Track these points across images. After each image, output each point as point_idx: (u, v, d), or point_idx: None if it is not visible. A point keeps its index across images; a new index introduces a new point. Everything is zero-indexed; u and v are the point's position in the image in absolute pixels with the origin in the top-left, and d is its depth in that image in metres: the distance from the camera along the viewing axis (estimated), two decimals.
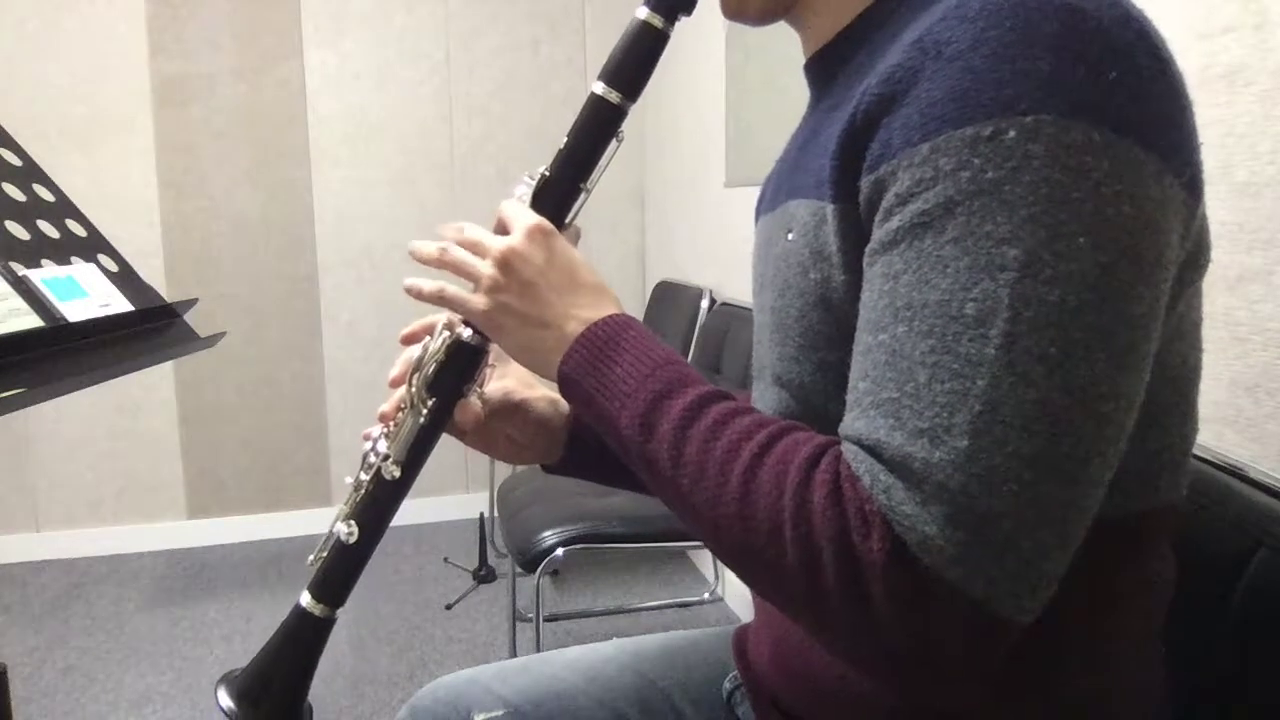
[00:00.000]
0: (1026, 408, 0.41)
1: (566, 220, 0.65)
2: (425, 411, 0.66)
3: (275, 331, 2.85)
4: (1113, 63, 0.43)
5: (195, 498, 2.85)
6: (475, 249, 0.61)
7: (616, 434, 0.55)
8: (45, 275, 0.87)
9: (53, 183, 1.00)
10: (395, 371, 0.69)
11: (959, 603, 0.41)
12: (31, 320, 0.82)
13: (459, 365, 0.66)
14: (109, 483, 2.77)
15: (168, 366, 2.75)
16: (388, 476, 0.66)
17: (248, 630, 2.28)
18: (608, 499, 1.84)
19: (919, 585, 0.41)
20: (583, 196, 0.65)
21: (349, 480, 0.68)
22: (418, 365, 0.66)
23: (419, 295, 0.64)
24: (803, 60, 0.66)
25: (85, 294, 0.91)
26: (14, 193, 0.94)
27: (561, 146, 0.64)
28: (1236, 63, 0.83)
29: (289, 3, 2.74)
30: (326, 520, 0.68)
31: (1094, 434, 0.42)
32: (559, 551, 1.64)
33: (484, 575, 2.52)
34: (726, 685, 0.76)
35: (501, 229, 0.62)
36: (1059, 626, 0.44)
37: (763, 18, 0.64)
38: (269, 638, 0.67)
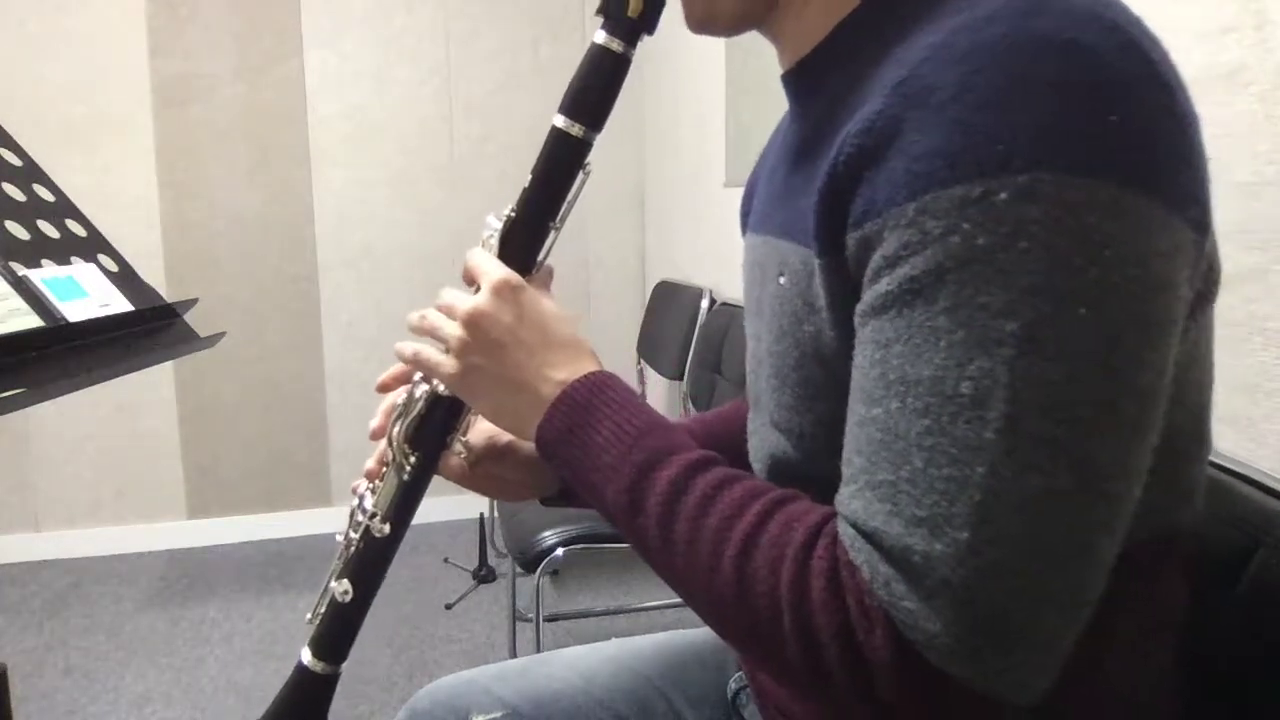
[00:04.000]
0: (1029, 495, 0.39)
1: (539, 260, 0.62)
2: (409, 467, 0.65)
3: (275, 331, 2.85)
4: (1114, 103, 0.39)
5: (195, 498, 2.85)
6: (446, 311, 0.59)
7: (602, 506, 0.53)
8: (45, 275, 0.87)
9: (53, 183, 1.00)
10: (375, 423, 0.68)
11: (970, 695, 0.40)
12: (31, 320, 0.82)
13: (440, 418, 0.65)
14: (109, 483, 2.77)
15: (168, 366, 2.75)
16: (376, 534, 0.65)
17: (248, 630, 2.28)
18: None
19: (926, 680, 0.40)
20: (552, 236, 0.62)
21: (339, 538, 0.68)
22: (398, 419, 0.65)
23: (402, 359, 0.63)
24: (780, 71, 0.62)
25: (85, 294, 0.91)
26: (14, 193, 0.94)
27: (526, 185, 0.61)
28: (1236, 63, 0.83)
29: (289, 3, 2.74)
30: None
31: (1102, 514, 0.40)
32: (559, 551, 1.64)
33: (484, 575, 2.52)
34: (732, 685, 0.76)
35: (470, 282, 0.60)
36: (1073, 664, 0.42)
37: (731, 30, 0.60)
38: (274, 696, 0.68)
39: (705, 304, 2.31)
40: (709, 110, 2.40)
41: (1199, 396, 0.50)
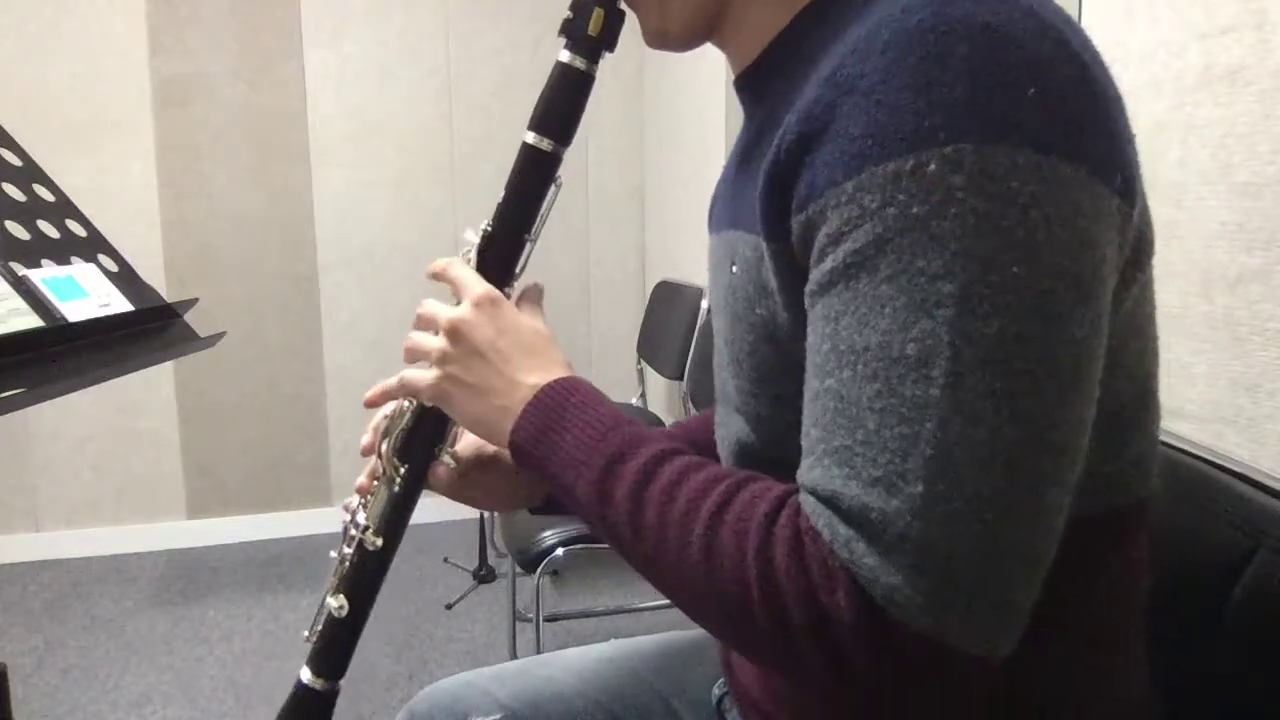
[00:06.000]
0: (977, 447, 0.40)
1: (516, 272, 0.65)
2: (399, 479, 0.66)
3: (275, 331, 2.85)
4: (1030, 78, 0.42)
5: (195, 498, 2.85)
6: (428, 322, 0.62)
7: (575, 502, 0.55)
8: (45, 275, 0.87)
9: (53, 183, 1.00)
10: (365, 440, 0.69)
11: (933, 649, 0.41)
12: (31, 320, 0.82)
13: (427, 430, 0.67)
14: (109, 483, 2.77)
15: (168, 366, 2.74)
16: (370, 547, 0.66)
17: (248, 630, 2.28)
18: None
19: (891, 636, 0.41)
20: (528, 247, 0.65)
21: (333, 554, 0.69)
22: (387, 433, 0.67)
23: (391, 393, 0.66)
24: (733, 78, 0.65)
25: (85, 294, 0.91)
26: (14, 193, 0.94)
27: (500, 200, 0.64)
28: (1236, 63, 0.83)
29: (289, 3, 2.74)
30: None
31: (1049, 463, 0.42)
32: (559, 551, 1.64)
33: (484, 575, 2.52)
34: (715, 691, 0.76)
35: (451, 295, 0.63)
36: (1038, 633, 0.43)
37: (686, 45, 0.63)
38: (275, 715, 0.68)
39: (705, 304, 2.31)
40: (709, 110, 2.40)
41: (1141, 366, 0.52)
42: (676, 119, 2.72)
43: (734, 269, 0.57)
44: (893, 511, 0.41)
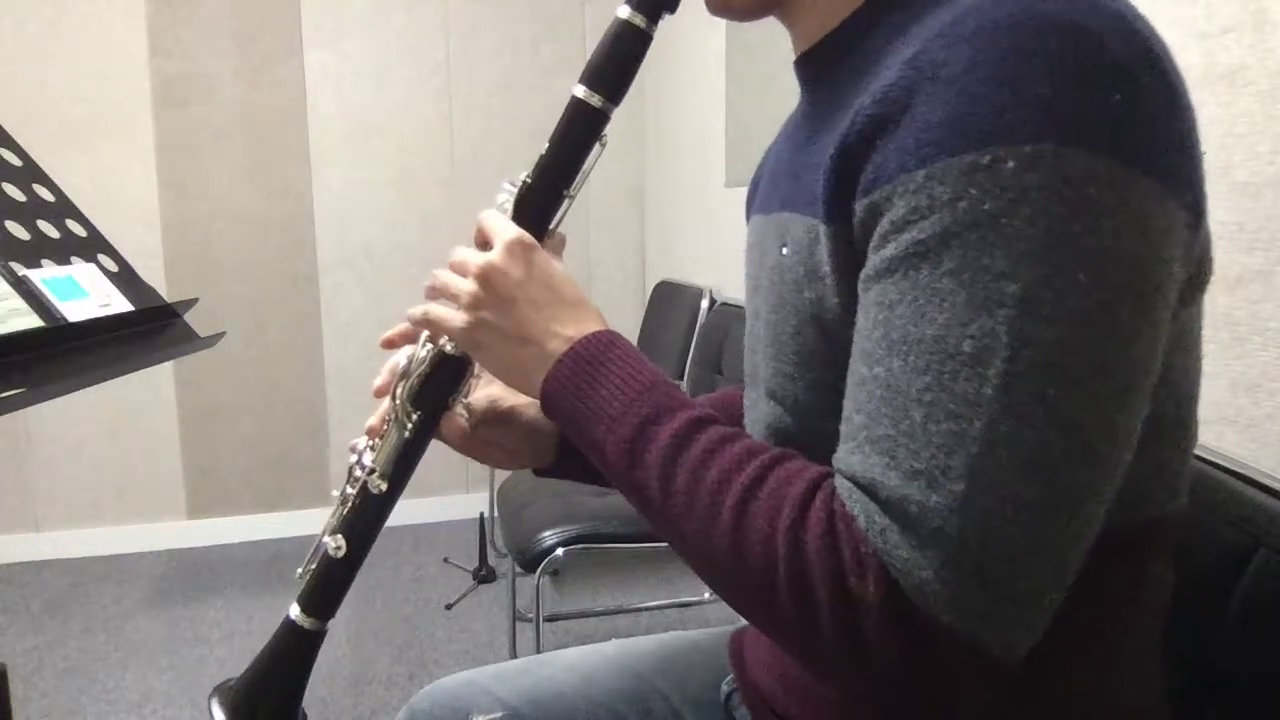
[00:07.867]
0: (1024, 450, 0.40)
1: (551, 228, 0.63)
2: (410, 425, 0.65)
3: (275, 331, 2.85)
4: (1116, 84, 0.41)
5: (195, 498, 2.85)
6: (459, 268, 0.60)
7: (602, 458, 0.54)
8: (45, 275, 0.87)
9: (53, 183, 1.00)
10: (380, 381, 0.68)
11: (954, 644, 0.41)
12: (31, 320, 0.82)
13: (444, 378, 0.65)
14: (109, 483, 2.77)
15: (168, 366, 2.75)
16: (374, 490, 0.65)
17: (248, 630, 2.28)
18: (608, 498, 1.84)
19: (914, 628, 0.41)
20: (566, 203, 0.63)
21: (335, 493, 0.68)
22: (402, 377, 0.65)
23: (412, 321, 0.63)
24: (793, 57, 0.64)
25: (85, 294, 0.91)
26: (14, 193, 0.94)
27: (543, 152, 0.62)
28: (1236, 63, 0.83)
29: (289, 3, 2.74)
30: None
31: (1091, 473, 0.42)
32: (559, 551, 1.64)
33: (484, 575, 2.52)
34: (724, 688, 0.75)
35: (482, 242, 0.61)
36: (1058, 639, 0.43)
37: (749, 14, 0.62)
38: (260, 650, 0.67)
39: (705, 304, 2.31)
40: (709, 110, 2.40)
41: (1184, 384, 0.51)
42: (676, 119, 2.72)
43: (784, 250, 0.56)
44: (932, 506, 0.41)
